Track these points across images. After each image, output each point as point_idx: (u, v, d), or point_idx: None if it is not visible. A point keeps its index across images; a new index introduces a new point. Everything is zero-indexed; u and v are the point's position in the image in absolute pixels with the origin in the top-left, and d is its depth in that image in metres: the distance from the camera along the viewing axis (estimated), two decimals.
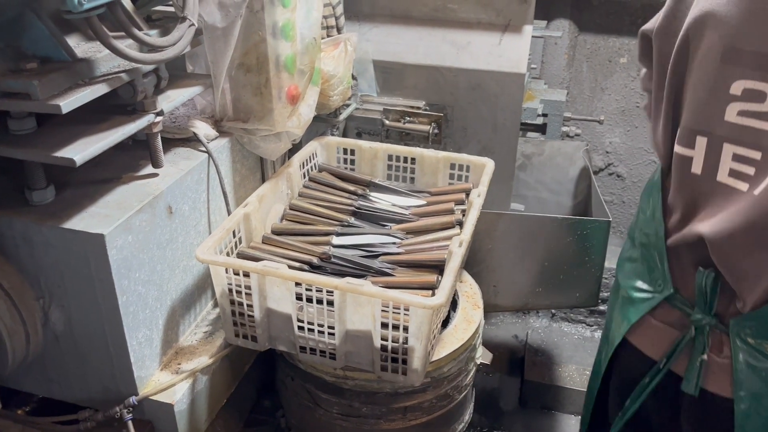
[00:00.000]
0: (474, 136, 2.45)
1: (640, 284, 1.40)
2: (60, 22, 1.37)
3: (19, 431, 1.55)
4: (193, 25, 1.51)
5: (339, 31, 2.27)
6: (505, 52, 2.39)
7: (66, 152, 1.30)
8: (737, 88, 1.10)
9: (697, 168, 1.18)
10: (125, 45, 1.34)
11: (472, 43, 2.42)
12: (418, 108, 2.43)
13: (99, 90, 1.34)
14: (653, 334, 1.39)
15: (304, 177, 2.05)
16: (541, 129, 3.22)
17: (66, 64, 1.33)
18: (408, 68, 2.45)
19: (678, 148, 1.20)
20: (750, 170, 1.12)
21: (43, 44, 1.33)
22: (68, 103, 1.26)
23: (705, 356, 1.28)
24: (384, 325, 1.50)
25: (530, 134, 3.22)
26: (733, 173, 1.14)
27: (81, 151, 1.31)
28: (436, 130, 2.42)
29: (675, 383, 1.35)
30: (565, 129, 3.28)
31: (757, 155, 1.10)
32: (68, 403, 1.61)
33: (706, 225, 1.19)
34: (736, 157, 1.13)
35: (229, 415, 1.80)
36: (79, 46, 1.43)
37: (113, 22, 1.34)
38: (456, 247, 1.60)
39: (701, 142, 1.16)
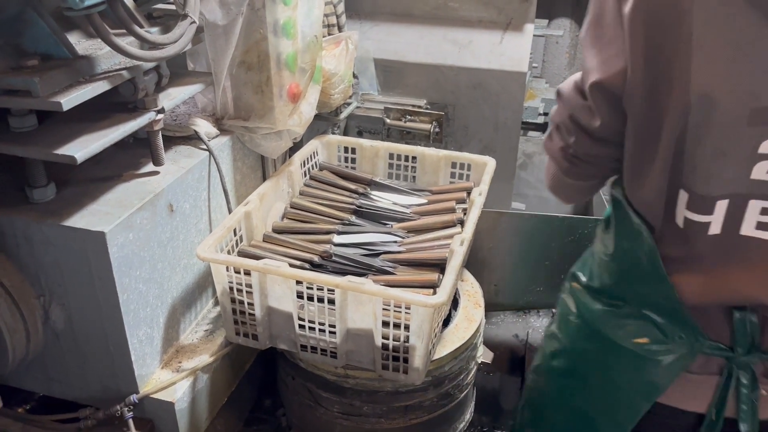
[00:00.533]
0: (475, 134, 2.44)
1: (647, 341, 1.24)
2: (60, 20, 1.37)
3: (19, 429, 1.55)
4: (194, 22, 1.51)
5: (340, 29, 2.27)
6: (507, 50, 2.39)
7: (67, 150, 1.30)
8: (767, 147, 1.01)
9: (716, 229, 1.09)
10: (126, 42, 1.34)
11: (473, 42, 2.42)
12: (419, 107, 2.43)
13: (100, 87, 1.34)
14: (694, 388, 1.24)
15: (305, 175, 2.04)
16: (542, 128, 3.22)
17: (67, 62, 1.33)
18: (409, 67, 2.45)
19: (691, 215, 1.09)
20: None
21: (43, 41, 1.33)
22: (69, 100, 1.26)
23: (764, 391, 1.21)
24: (385, 324, 1.50)
25: (531, 133, 3.22)
26: (761, 225, 1.07)
27: (82, 148, 1.31)
28: (437, 129, 2.42)
29: (730, 427, 1.24)
30: None
31: None
32: (68, 402, 1.61)
33: (760, 288, 1.12)
34: (765, 211, 1.06)
35: (230, 413, 1.80)
36: (79, 43, 1.43)
37: (114, 20, 1.33)
38: (457, 245, 1.60)
39: (721, 205, 1.07)
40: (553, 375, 1.42)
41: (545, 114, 3.16)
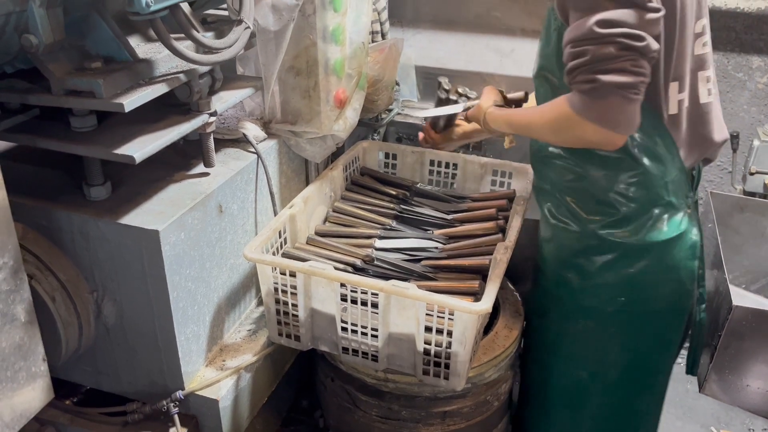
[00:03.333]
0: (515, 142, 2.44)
1: (674, 225, 1.53)
2: (122, 23, 1.41)
3: (67, 421, 1.59)
4: (248, 27, 1.54)
5: (384, 36, 2.29)
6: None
7: (126, 150, 1.34)
8: (699, 26, 1.41)
9: (686, 102, 1.44)
10: (183, 46, 1.37)
11: (515, 50, 2.42)
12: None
13: (159, 90, 1.38)
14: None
15: (347, 180, 2.06)
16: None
17: (128, 64, 1.37)
18: (450, 74, 2.46)
19: (680, 96, 1.42)
20: (712, 84, 1.47)
21: (106, 45, 1.38)
22: (131, 101, 1.30)
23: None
24: (427, 329, 1.51)
25: None
26: (709, 92, 1.45)
27: (140, 148, 1.35)
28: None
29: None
30: None
31: (712, 71, 1.47)
32: (114, 395, 1.65)
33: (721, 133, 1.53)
34: (707, 79, 1.45)
35: (269, 413, 1.82)
36: (139, 46, 1.47)
37: (172, 25, 1.37)
38: (501, 253, 1.61)
39: (686, 80, 1.42)
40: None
41: None
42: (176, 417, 1.52)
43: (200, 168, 1.62)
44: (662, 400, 1.79)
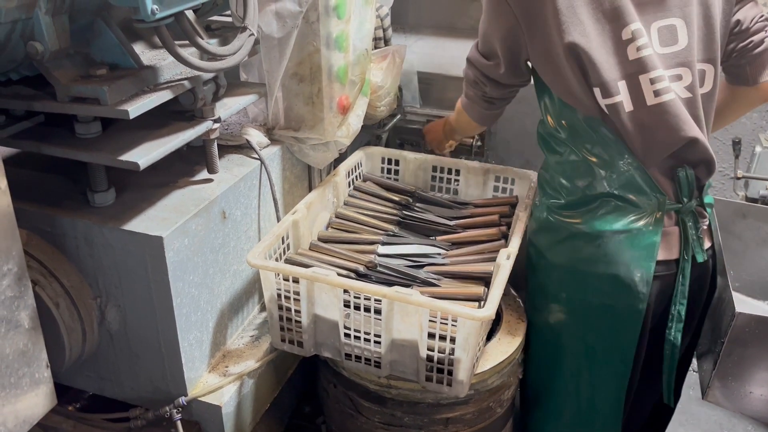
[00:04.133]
0: (517, 148, 2.45)
1: (627, 221, 1.58)
2: (126, 31, 1.42)
3: (71, 427, 1.59)
4: (252, 34, 1.54)
5: (387, 42, 2.29)
6: None
7: (130, 156, 1.34)
8: (627, 33, 1.47)
9: (629, 106, 1.49)
10: (187, 53, 1.38)
11: None
12: None
13: (163, 96, 1.38)
14: (669, 239, 1.60)
15: (350, 186, 2.07)
16: None
17: (132, 71, 1.38)
18: (451, 80, 2.47)
19: (606, 101, 1.49)
20: (665, 83, 1.48)
21: (111, 51, 1.38)
22: (135, 108, 1.30)
23: (704, 226, 1.63)
24: (430, 336, 1.51)
25: None
26: (657, 93, 1.48)
27: (144, 155, 1.35)
28: (479, 143, 2.42)
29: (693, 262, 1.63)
30: None
31: (660, 72, 1.48)
32: (117, 401, 1.65)
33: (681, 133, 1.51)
34: (652, 81, 1.47)
35: (271, 419, 1.82)
36: (143, 53, 1.48)
37: (177, 32, 1.37)
38: (504, 259, 1.61)
39: (622, 85, 1.48)
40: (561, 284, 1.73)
41: None
42: (179, 423, 1.52)
43: (204, 174, 1.62)
44: (619, 406, 1.77)
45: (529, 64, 1.64)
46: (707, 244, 1.66)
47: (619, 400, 1.76)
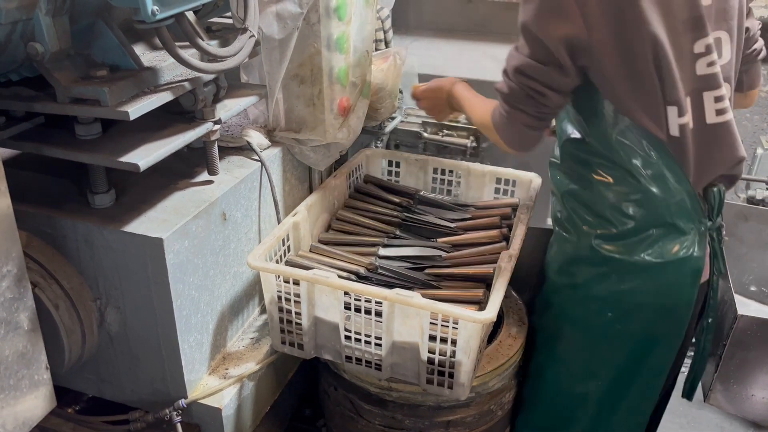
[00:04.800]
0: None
1: (675, 249, 1.50)
2: (128, 32, 1.41)
3: (70, 430, 1.58)
4: (253, 36, 1.54)
5: (387, 44, 2.29)
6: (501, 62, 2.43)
7: (130, 157, 1.34)
8: (700, 46, 1.39)
9: (690, 123, 1.41)
10: (188, 55, 1.37)
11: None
12: (457, 121, 2.44)
13: (164, 98, 1.38)
14: (706, 260, 1.55)
15: (351, 188, 2.06)
16: None
17: (133, 72, 1.37)
18: None
19: (681, 120, 1.40)
20: (726, 103, 1.43)
21: (111, 53, 1.38)
22: (136, 109, 1.30)
23: (726, 237, 1.59)
24: (431, 338, 1.50)
25: None
26: (719, 112, 1.42)
27: (144, 156, 1.35)
28: (474, 144, 2.43)
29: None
30: None
31: (725, 89, 1.43)
32: (117, 404, 1.64)
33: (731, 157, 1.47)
34: (716, 99, 1.42)
35: (271, 422, 1.81)
36: (144, 55, 1.47)
37: (177, 33, 1.37)
38: (505, 262, 1.60)
39: (688, 101, 1.40)
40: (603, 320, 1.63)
41: None
42: (179, 426, 1.51)
43: (204, 176, 1.62)
44: (644, 425, 1.78)
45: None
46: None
47: (643, 422, 1.77)
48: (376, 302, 1.51)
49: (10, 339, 1.14)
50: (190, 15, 1.42)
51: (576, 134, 1.57)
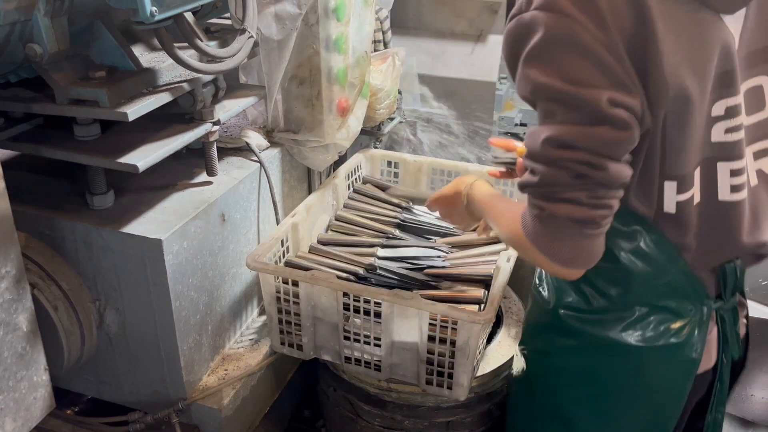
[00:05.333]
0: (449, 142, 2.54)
1: (665, 332, 1.22)
2: (125, 33, 1.41)
3: (69, 430, 1.58)
4: (251, 37, 1.54)
5: (386, 45, 2.29)
6: (477, 60, 2.46)
7: (129, 159, 1.34)
8: (719, 108, 1.08)
9: (697, 197, 1.12)
10: (187, 56, 1.38)
11: (446, 52, 2.51)
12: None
13: (162, 99, 1.38)
14: (710, 347, 1.26)
15: (349, 189, 2.06)
16: (521, 139, 3.23)
17: (131, 74, 1.37)
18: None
19: (680, 197, 1.11)
20: (744, 177, 1.14)
21: (110, 54, 1.38)
22: (134, 110, 1.30)
23: (744, 319, 1.32)
24: (431, 339, 1.50)
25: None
26: (734, 188, 1.13)
27: (143, 157, 1.35)
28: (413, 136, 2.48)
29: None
30: None
31: (744, 161, 1.13)
32: (116, 405, 1.64)
33: (761, 235, 1.19)
34: (733, 173, 1.12)
35: (271, 423, 1.81)
36: (142, 56, 1.47)
37: (176, 34, 1.37)
38: (504, 262, 1.60)
39: (696, 173, 1.11)
40: (578, 403, 1.33)
41: (523, 125, 3.15)
42: (178, 426, 1.51)
43: (203, 176, 1.62)
44: None
45: None
46: (742, 332, 1.32)
47: None
48: (375, 303, 1.51)
49: (9, 340, 1.14)
50: (189, 16, 1.43)
51: None
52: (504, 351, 1.75)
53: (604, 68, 0.95)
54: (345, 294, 1.53)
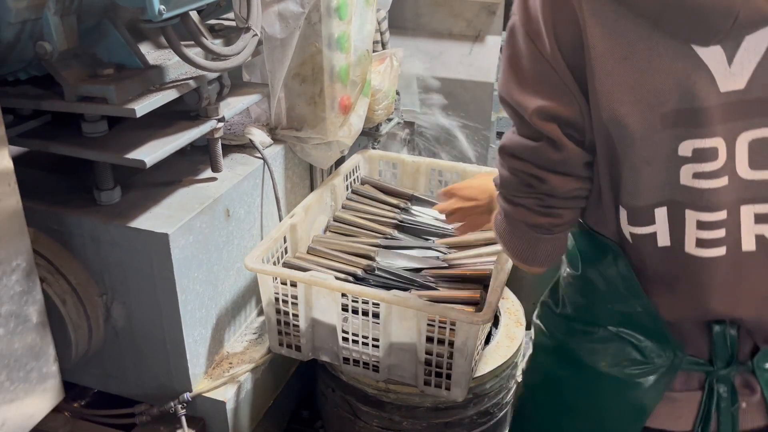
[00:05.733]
0: (447, 142, 2.56)
1: (626, 364, 1.17)
2: (133, 31, 1.43)
3: (76, 423, 1.60)
4: (256, 35, 1.56)
5: (384, 46, 2.31)
6: (475, 61, 2.48)
7: (137, 154, 1.36)
8: (685, 149, 0.98)
9: (664, 241, 1.04)
10: (192, 54, 1.39)
11: (444, 53, 2.52)
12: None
13: (169, 95, 1.40)
14: (679, 407, 1.17)
15: (348, 189, 2.07)
16: None
17: (139, 71, 1.39)
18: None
19: (633, 229, 1.04)
20: (719, 233, 1.01)
21: (118, 52, 1.40)
22: (142, 107, 1.32)
23: (743, 404, 1.16)
24: (428, 339, 1.51)
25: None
26: (700, 243, 1.01)
27: (150, 153, 1.37)
28: (409, 136, 2.48)
29: None
30: None
31: (722, 215, 1.00)
32: (121, 398, 1.66)
33: (739, 308, 1.08)
34: (701, 225, 1.01)
35: (270, 424, 1.82)
36: (149, 54, 1.49)
37: (182, 32, 1.39)
38: (502, 262, 1.61)
39: (661, 213, 1.03)
40: (538, 408, 1.32)
41: None
42: (183, 419, 1.53)
43: (208, 173, 1.64)
44: None
45: None
46: (756, 423, 1.16)
47: None
48: (374, 304, 1.51)
49: (20, 332, 1.16)
50: (195, 15, 1.45)
51: None
52: (502, 352, 1.75)
53: (540, 78, 0.97)
54: (343, 295, 1.53)
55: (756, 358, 1.12)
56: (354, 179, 2.10)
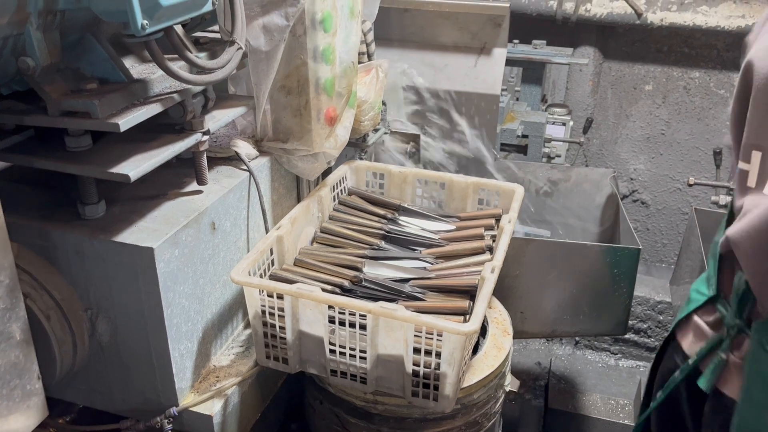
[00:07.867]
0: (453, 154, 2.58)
1: (700, 287, 1.45)
2: (117, 46, 1.43)
3: None
4: (240, 48, 1.56)
5: (370, 57, 2.32)
6: (480, 74, 2.48)
7: (121, 168, 1.35)
8: None
9: (752, 181, 1.20)
10: (177, 67, 1.40)
11: (448, 65, 2.53)
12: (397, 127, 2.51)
13: (153, 109, 1.40)
14: (694, 331, 1.44)
15: (335, 200, 2.07)
16: (523, 150, 3.29)
17: (122, 85, 1.39)
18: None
19: (739, 164, 1.24)
20: None
21: (101, 66, 1.40)
22: (126, 121, 1.32)
23: (724, 355, 1.34)
24: (416, 350, 1.51)
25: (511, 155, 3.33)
26: None
27: (135, 167, 1.36)
28: (413, 149, 2.48)
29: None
30: (546, 150, 3.36)
31: None
32: (107, 413, 1.64)
33: (733, 228, 1.24)
34: None
35: None
36: (133, 67, 1.49)
37: (166, 46, 1.39)
38: (488, 272, 1.61)
39: (756, 156, 1.19)
40: None
41: (524, 136, 3.27)
42: None
43: (193, 186, 1.63)
44: None
45: None
46: (728, 387, 1.35)
47: None
48: (360, 315, 1.51)
49: (2, 349, 1.15)
50: (179, 28, 1.45)
51: None
52: (490, 362, 1.76)
53: None
54: (330, 307, 1.53)
55: (755, 325, 1.26)
56: (341, 190, 2.11)
